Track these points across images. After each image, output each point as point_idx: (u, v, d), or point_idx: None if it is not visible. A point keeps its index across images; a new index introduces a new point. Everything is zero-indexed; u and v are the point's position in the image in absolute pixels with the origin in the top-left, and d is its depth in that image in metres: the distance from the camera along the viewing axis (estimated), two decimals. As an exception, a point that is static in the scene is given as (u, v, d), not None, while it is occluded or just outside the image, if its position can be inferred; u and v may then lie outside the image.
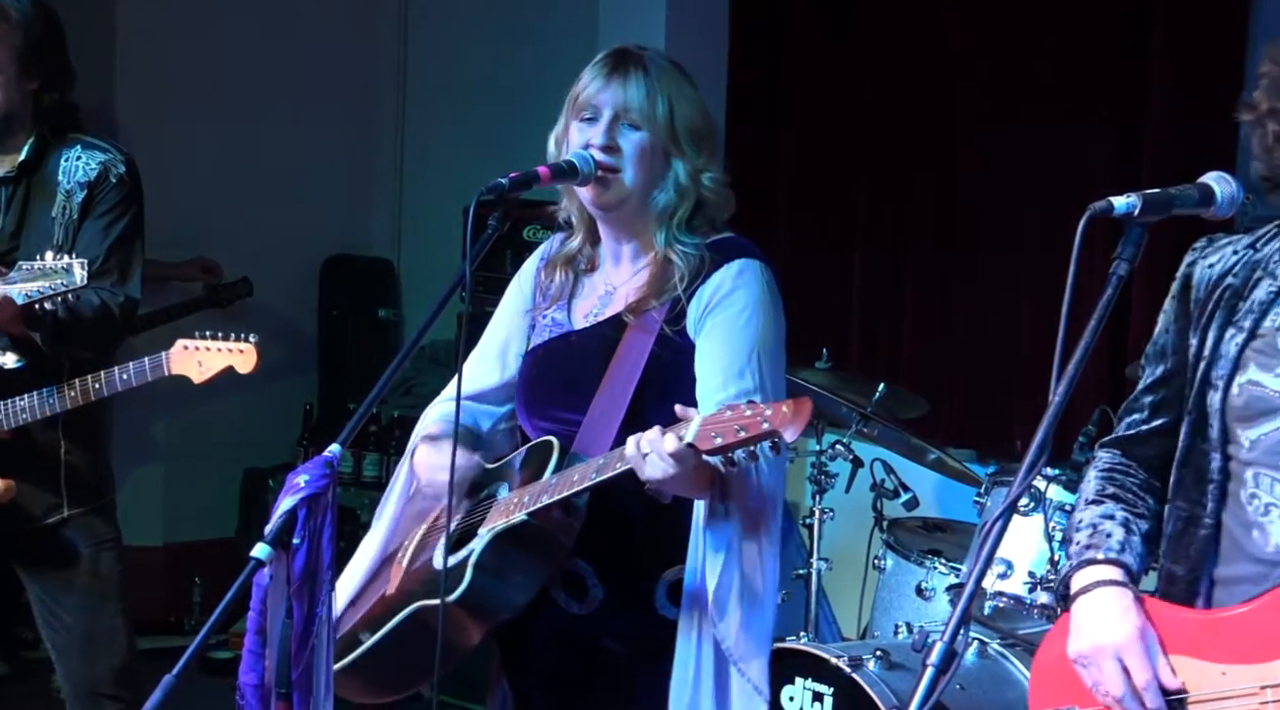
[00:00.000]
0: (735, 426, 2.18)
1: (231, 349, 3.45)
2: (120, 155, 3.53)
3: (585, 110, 2.57)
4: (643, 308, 2.57)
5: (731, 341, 2.49)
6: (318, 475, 2.23)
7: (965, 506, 4.27)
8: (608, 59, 2.59)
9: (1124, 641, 2.11)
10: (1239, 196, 2.12)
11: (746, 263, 2.55)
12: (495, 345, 2.78)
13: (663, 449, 2.25)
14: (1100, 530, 2.24)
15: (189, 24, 6.02)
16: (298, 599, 2.20)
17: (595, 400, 2.55)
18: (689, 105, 2.58)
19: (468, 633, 2.52)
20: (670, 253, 2.57)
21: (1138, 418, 2.34)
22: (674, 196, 2.56)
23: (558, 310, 2.70)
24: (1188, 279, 2.26)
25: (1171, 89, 4.65)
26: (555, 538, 2.49)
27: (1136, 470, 2.32)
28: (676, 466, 2.25)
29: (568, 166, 2.54)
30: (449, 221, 5.49)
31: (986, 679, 3.64)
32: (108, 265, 3.44)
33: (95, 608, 3.56)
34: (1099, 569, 2.20)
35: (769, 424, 2.16)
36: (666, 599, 2.56)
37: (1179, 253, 2.32)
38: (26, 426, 3.45)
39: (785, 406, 2.17)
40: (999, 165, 5.06)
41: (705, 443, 2.20)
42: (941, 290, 5.21)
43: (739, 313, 2.51)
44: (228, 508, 6.23)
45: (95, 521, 3.58)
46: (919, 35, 5.26)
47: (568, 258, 2.71)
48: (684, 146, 2.56)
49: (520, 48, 6.15)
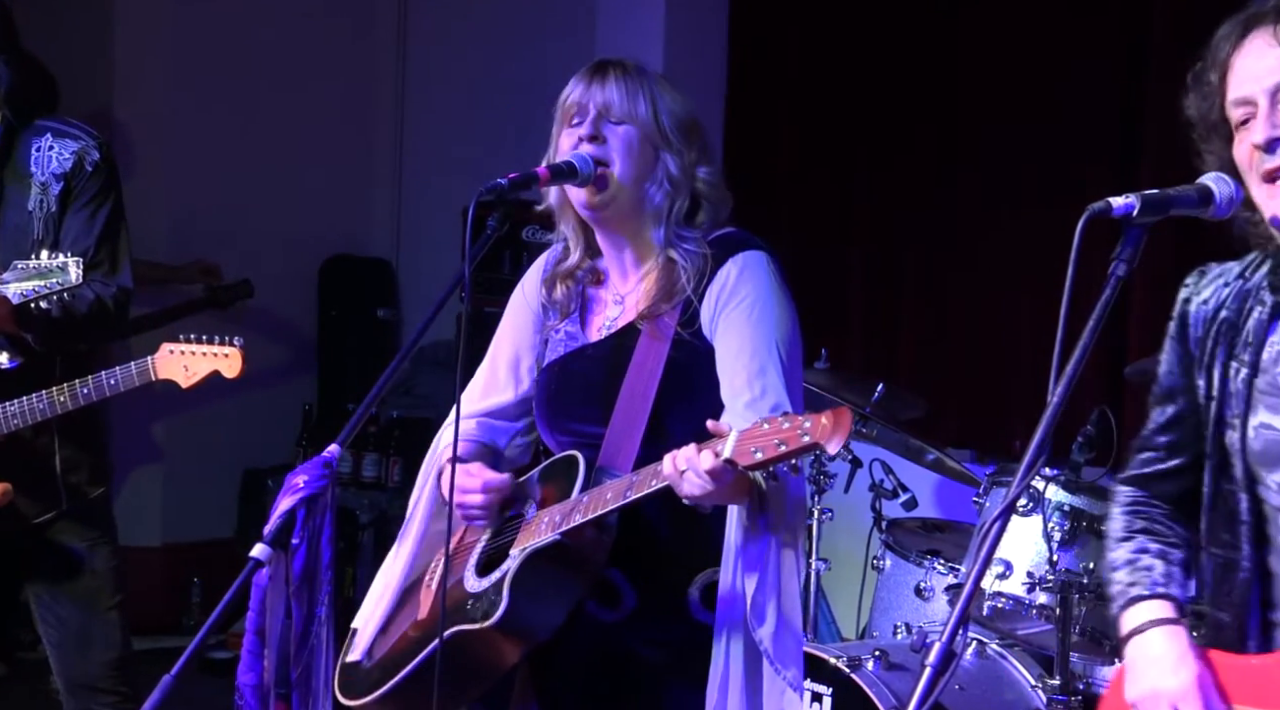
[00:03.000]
0: (775, 440, 2.16)
1: (217, 353, 3.39)
2: (93, 141, 3.44)
3: (572, 114, 2.59)
4: (655, 313, 2.56)
5: (747, 338, 2.49)
6: (317, 476, 2.23)
7: (964, 507, 4.27)
8: (589, 68, 2.63)
9: (1180, 690, 2.06)
10: (1238, 197, 2.12)
11: (750, 255, 2.55)
12: (506, 361, 2.76)
13: (700, 467, 2.22)
14: (1139, 565, 2.20)
15: (188, 24, 6.02)
16: (296, 599, 2.21)
17: (616, 411, 2.54)
18: (672, 103, 2.60)
19: (505, 654, 2.50)
20: (672, 252, 2.57)
21: (1153, 456, 2.30)
22: (668, 190, 2.57)
23: (570, 324, 2.68)
24: (1184, 318, 2.24)
25: (1171, 89, 4.64)
26: (589, 556, 2.47)
27: (1160, 503, 2.29)
28: (713, 483, 2.23)
29: (566, 167, 2.54)
30: (448, 222, 5.49)
31: (985, 679, 3.64)
32: (98, 257, 3.38)
33: (91, 603, 3.56)
34: (1148, 607, 2.15)
35: (810, 437, 2.13)
36: (701, 602, 2.55)
37: (1178, 253, 2.32)
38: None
39: (825, 418, 2.14)
40: (999, 165, 5.06)
41: (745, 458, 2.18)
42: (940, 291, 5.21)
43: (750, 306, 2.50)
44: (227, 508, 6.23)
45: (91, 519, 3.57)
46: (918, 36, 5.27)
47: (568, 272, 2.70)
48: (671, 140, 2.57)
49: (520, 48, 6.15)
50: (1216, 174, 2.13)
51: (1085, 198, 2.07)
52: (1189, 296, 2.26)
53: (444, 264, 5.69)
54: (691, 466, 2.23)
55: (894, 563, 4.09)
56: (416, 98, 6.61)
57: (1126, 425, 4.62)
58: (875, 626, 4.15)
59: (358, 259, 6.58)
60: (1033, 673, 3.64)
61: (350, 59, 6.55)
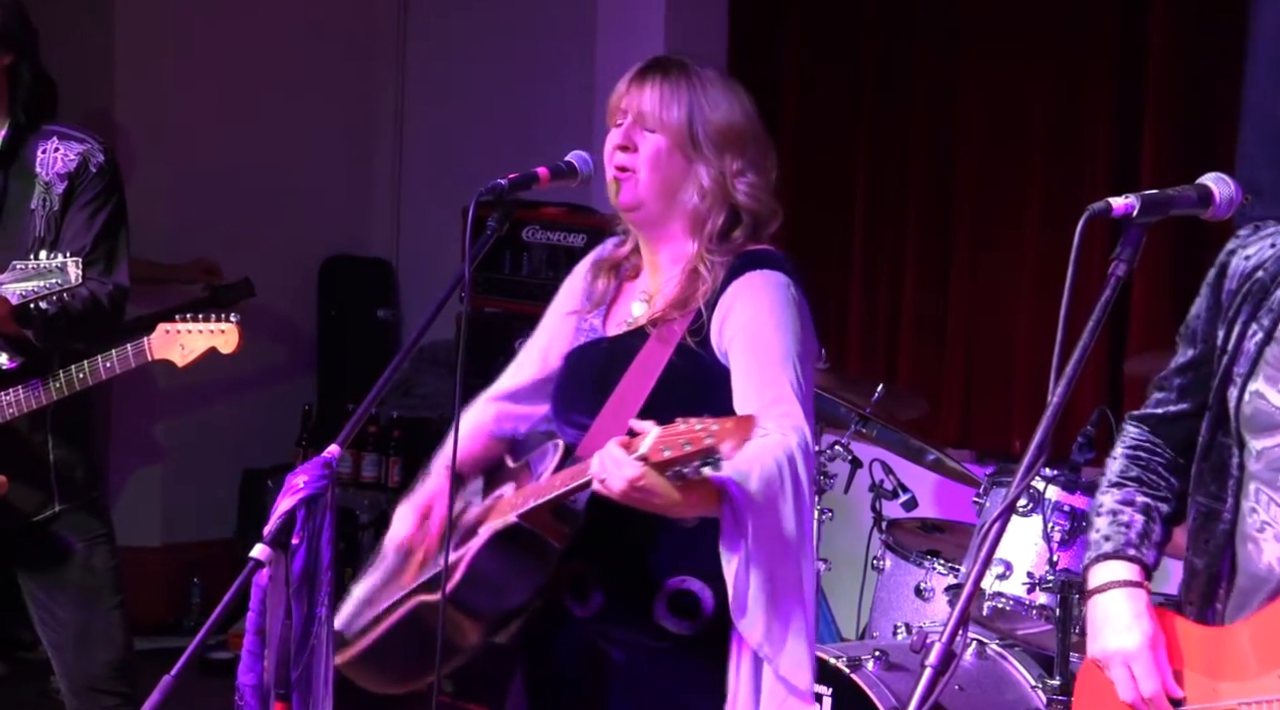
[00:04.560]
0: (683, 440, 2.16)
1: (213, 329, 3.39)
2: (98, 144, 3.48)
3: (614, 116, 2.57)
4: (666, 319, 2.55)
5: (760, 350, 2.46)
6: (316, 476, 2.23)
7: (964, 507, 4.27)
8: (637, 67, 2.59)
9: (1133, 651, 2.15)
10: (1237, 198, 2.12)
11: (766, 273, 2.51)
12: (540, 344, 2.77)
13: (616, 459, 2.22)
14: (1120, 519, 2.25)
15: (188, 26, 6.02)
16: (296, 600, 2.21)
17: (606, 406, 2.54)
18: (715, 110, 2.53)
19: (463, 632, 2.51)
20: (699, 264, 2.54)
21: (1164, 396, 2.33)
22: (699, 201, 2.53)
23: (596, 316, 2.68)
24: (1224, 267, 2.25)
25: (1171, 89, 4.65)
26: (546, 541, 2.47)
27: (1163, 448, 2.32)
28: (630, 480, 2.20)
29: (567, 167, 2.54)
30: (448, 222, 5.49)
31: (985, 679, 3.64)
32: (94, 255, 3.41)
33: (90, 603, 3.56)
34: (1113, 566, 2.22)
35: (711, 439, 2.13)
36: (667, 610, 2.53)
37: (1178, 253, 2.32)
38: (14, 424, 3.44)
39: (730, 423, 2.14)
40: (999, 165, 5.06)
41: (655, 455, 2.18)
42: (940, 291, 5.20)
43: (764, 321, 2.48)
44: (227, 508, 6.23)
45: (86, 517, 3.57)
46: (918, 35, 5.27)
47: (614, 262, 2.69)
48: (706, 151, 2.52)
49: (520, 49, 6.15)
50: (1216, 174, 2.14)
51: (1086, 197, 2.07)
52: (1235, 248, 2.26)
53: (444, 264, 5.68)
54: (609, 459, 2.23)
55: (894, 563, 4.09)
56: (417, 98, 6.61)
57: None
58: (875, 627, 4.15)
59: (358, 259, 6.57)
60: (1033, 673, 3.64)
61: (350, 59, 6.55)
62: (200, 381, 5.25)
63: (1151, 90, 4.70)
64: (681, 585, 2.52)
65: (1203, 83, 4.55)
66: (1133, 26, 4.77)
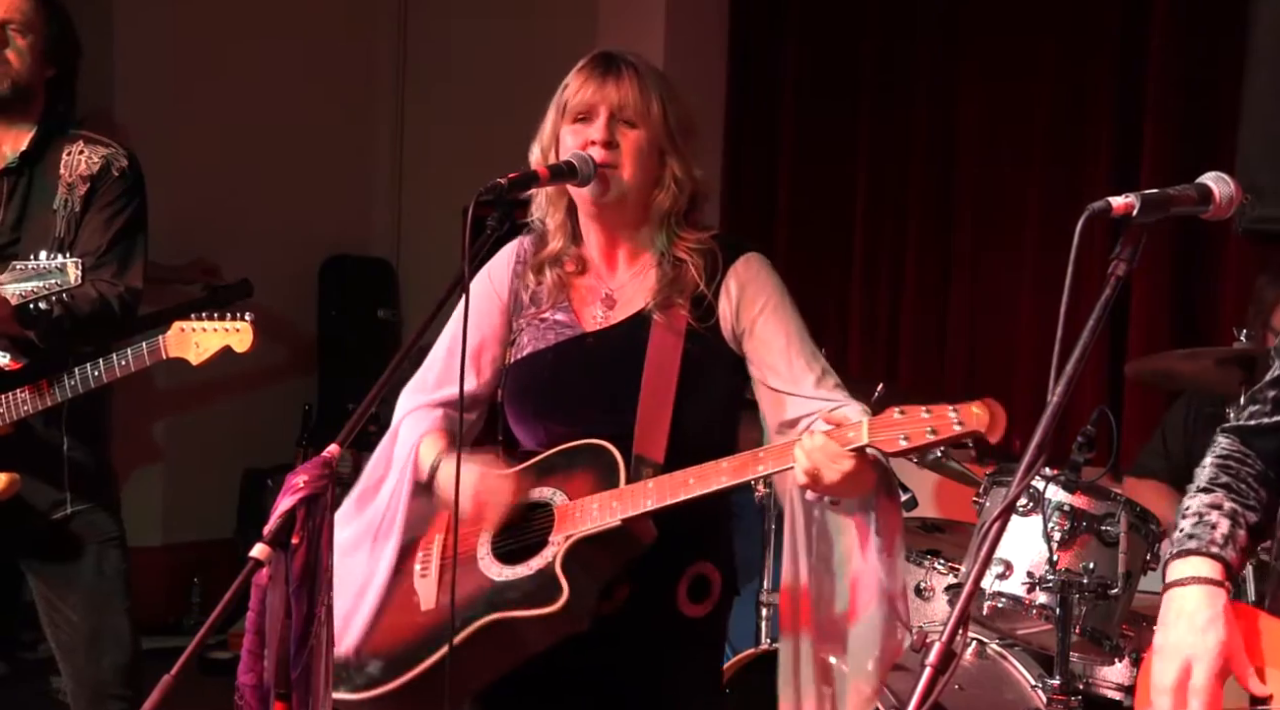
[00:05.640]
0: (926, 429, 2.23)
1: (228, 328, 3.41)
2: (123, 150, 3.56)
3: (579, 112, 2.57)
4: (667, 304, 2.57)
5: (790, 331, 2.55)
6: (316, 476, 2.22)
7: (964, 507, 4.27)
8: (596, 61, 2.59)
9: (1204, 650, 2.08)
10: (1237, 197, 2.11)
11: (755, 256, 2.61)
12: (469, 351, 2.66)
13: (833, 453, 2.27)
14: (1206, 520, 2.20)
15: (188, 25, 6.03)
16: (296, 599, 2.20)
17: (641, 402, 2.53)
18: (678, 104, 2.60)
19: (538, 641, 2.48)
20: (677, 251, 2.59)
21: (1259, 409, 2.29)
22: (674, 192, 2.59)
23: (560, 312, 2.66)
24: None
25: (1171, 89, 4.65)
26: (639, 540, 2.48)
27: (1254, 460, 2.28)
28: (846, 473, 2.27)
29: (567, 167, 2.54)
30: (448, 222, 5.49)
31: (985, 679, 3.64)
32: (108, 257, 3.45)
33: (100, 606, 3.55)
34: (1196, 562, 2.16)
35: (964, 427, 2.22)
36: (688, 596, 2.56)
37: (1178, 253, 2.32)
38: (29, 423, 3.44)
39: (976, 407, 2.22)
40: (999, 165, 5.06)
41: (891, 446, 2.25)
42: (941, 291, 5.21)
43: (777, 304, 2.57)
44: (227, 508, 6.23)
45: (100, 518, 3.57)
46: (918, 35, 5.27)
47: (554, 259, 2.68)
48: (678, 143, 2.58)
49: (520, 49, 6.15)
50: (1216, 174, 2.13)
51: (1086, 197, 2.07)
52: None
53: (444, 264, 5.68)
54: (821, 453, 2.27)
55: (894, 563, 4.08)
56: (417, 98, 6.62)
57: (1126, 425, 4.63)
58: (875, 626, 4.14)
59: (358, 259, 6.58)
60: (1033, 673, 3.64)
61: (350, 59, 6.56)
62: (200, 381, 5.25)
63: (1151, 90, 4.70)
64: (700, 570, 2.56)
65: (1203, 83, 4.55)
66: (1133, 27, 4.77)
